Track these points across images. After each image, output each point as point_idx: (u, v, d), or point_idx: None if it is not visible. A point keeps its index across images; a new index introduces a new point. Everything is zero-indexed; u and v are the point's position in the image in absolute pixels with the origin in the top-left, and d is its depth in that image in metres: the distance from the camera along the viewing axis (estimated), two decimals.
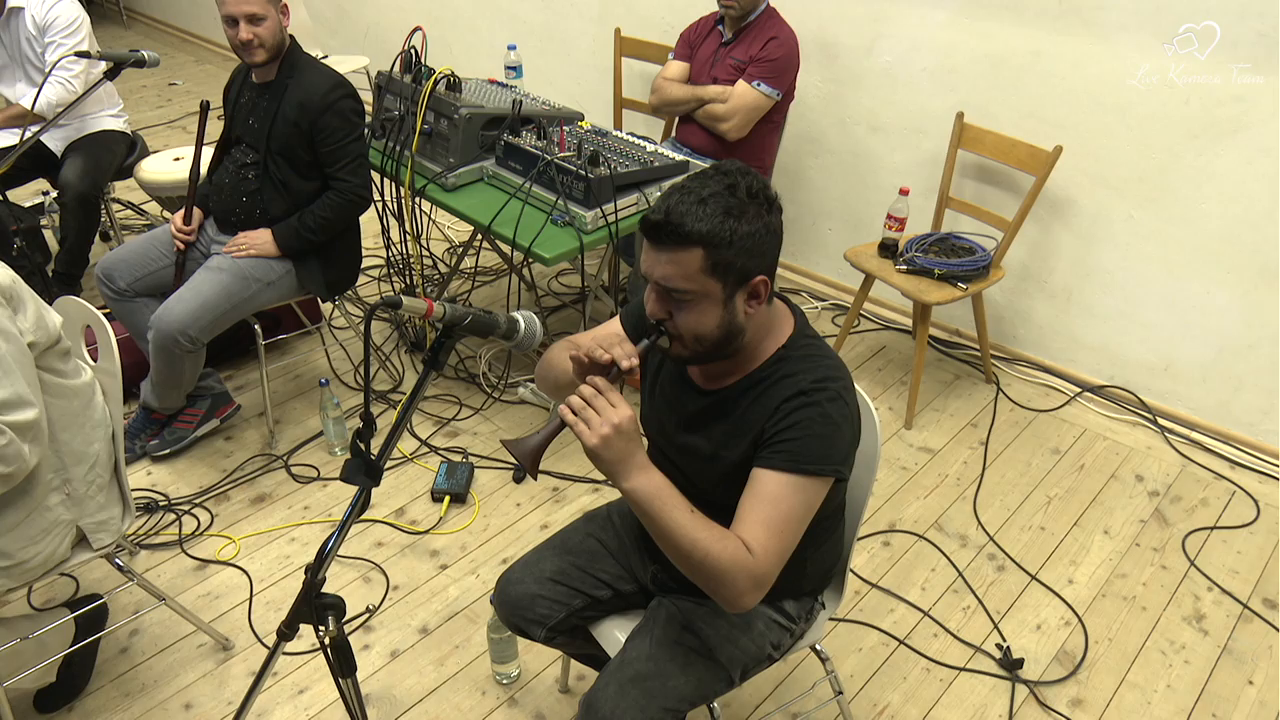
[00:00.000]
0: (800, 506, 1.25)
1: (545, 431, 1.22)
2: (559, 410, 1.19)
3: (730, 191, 1.19)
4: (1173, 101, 2.56)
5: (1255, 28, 2.35)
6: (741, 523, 1.24)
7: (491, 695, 2.05)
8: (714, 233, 1.17)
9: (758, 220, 1.20)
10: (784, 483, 1.24)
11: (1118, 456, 2.79)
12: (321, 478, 2.66)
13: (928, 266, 2.76)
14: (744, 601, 1.22)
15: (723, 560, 1.19)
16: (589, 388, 1.19)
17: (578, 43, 4.08)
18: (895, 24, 3.03)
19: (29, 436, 1.52)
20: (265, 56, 2.39)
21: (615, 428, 1.16)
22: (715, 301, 1.22)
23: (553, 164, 2.50)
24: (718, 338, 1.26)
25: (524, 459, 1.20)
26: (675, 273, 1.20)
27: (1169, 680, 2.10)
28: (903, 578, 2.36)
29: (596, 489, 2.63)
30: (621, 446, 1.18)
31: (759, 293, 1.25)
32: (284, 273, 2.58)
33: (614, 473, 1.20)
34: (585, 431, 1.16)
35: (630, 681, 1.40)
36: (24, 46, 3.08)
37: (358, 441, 1.10)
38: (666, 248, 1.20)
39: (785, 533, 1.24)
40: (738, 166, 1.23)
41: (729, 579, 1.20)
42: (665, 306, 1.25)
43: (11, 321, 1.52)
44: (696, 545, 1.19)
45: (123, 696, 2.04)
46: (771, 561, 1.22)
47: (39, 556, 1.66)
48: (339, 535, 1.16)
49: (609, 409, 1.17)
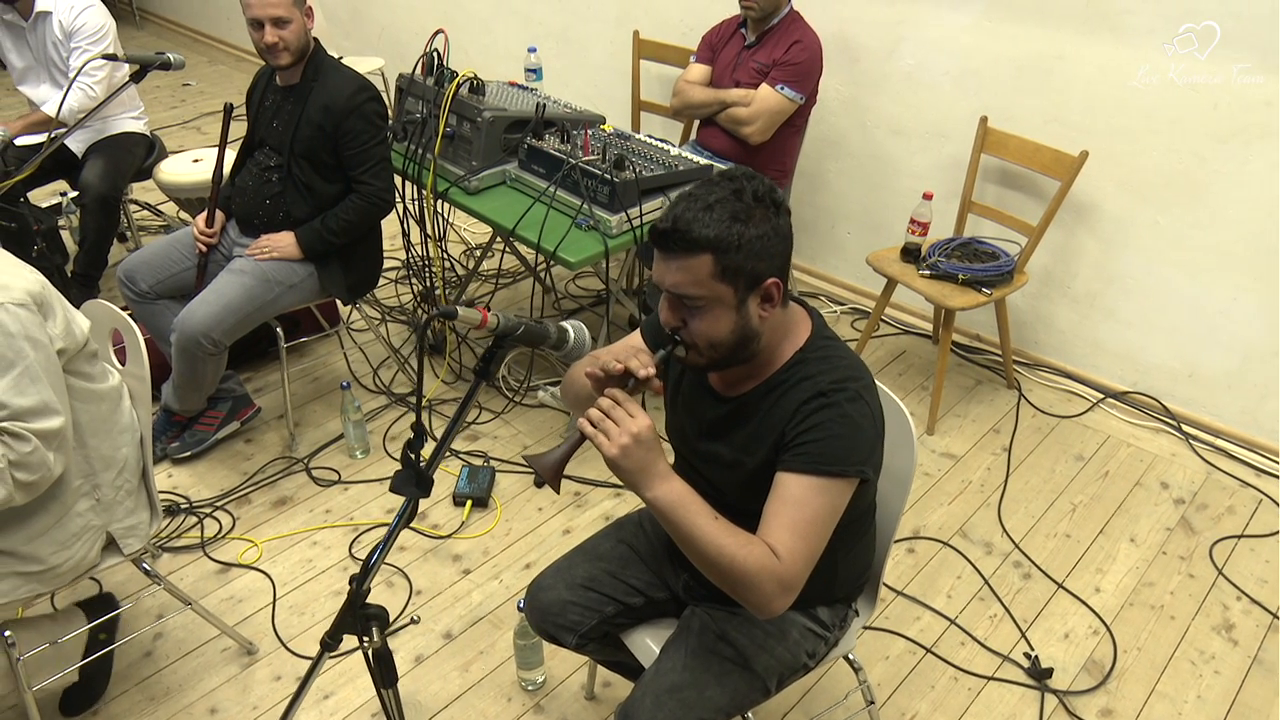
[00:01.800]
0: (825, 509, 1.24)
1: (566, 445, 1.21)
2: (578, 423, 1.18)
3: (736, 196, 1.19)
4: (1201, 106, 2.54)
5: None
6: (767, 527, 1.23)
7: (517, 701, 2.04)
8: (721, 238, 1.18)
9: (765, 223, 1.20)
10: (807, 485, 1.23)
11: (1142, 463, 2.77)
12: (342, 481, 2.65)
13: (951, 272, 2.74)
14: (773, 606, 1.21)
15: (749, 565, 1.18)
16: (606, 399, 1.19)
17: (595, 45, 4.07)
18: (917, 27, 3.02)
19: (54, 444, 1.51)
20: (290, 59, 2.39)
21: (634, 437, 1.16)
22: (728, 307, 1.22)
23: (577, 168, 2.49)
24: (732, 343, 1.25)
25: (546, 473, 1.19)
26: (686, 279, 1.20)
27: (1199, 691, 2.08)
28: (928, 585, 2.35)
29: (618, 494, 2.62)
30: (641, 456, 1.18)
31: (772, 296, 1.25)
32: (306, 275, 2.57)
33: (635, 482, 1.19)
34: (604, 442, 1.17)
35: (666, 692, 1.39)
36: (50, 50, 3.08)
37: (408, 452, 1.09)
38: (676, 255, 1.20)
39: (811, 536, 1.23)
40: (744, 171, 1.24)
41: (756, 584, 1.19)
42: (679, 315, 1.25)
43: (41, 329, 1.51)
44: (723, 552, 1.18)
45: (148, 700, 2.03)
46: (799, 565, 1.21)
47: (70, 561, 1.66)
48: (385, 546, 1.15)
49: (627, 419, 1.17)
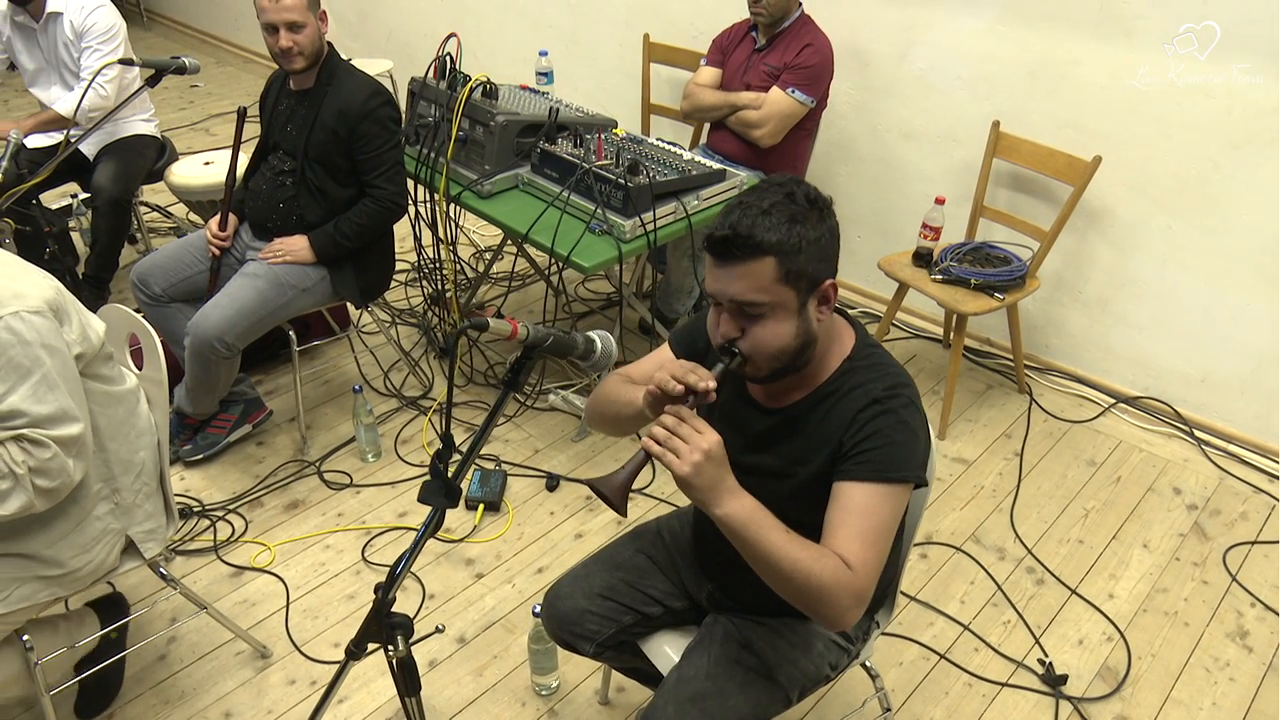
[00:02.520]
0: (890, 516, 1.24)
1: (631, 465, 1.17)
2: (643, 443, 1.15)
3: (790, 200, 1.20)
4: (1215, 111, 2.53)
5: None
6: (834, 538, 1.21)
7: (531, 706, 2.04)
8: (785, 241, 1.18)
9: (821, 225, 1.21)
10: (872, 493, 1.23)
11: (1154, 469, 2.76)
12: (354, 484, 2.65)
13: (964, 276, 2.74)
14: (848, 619, 1.19)
15: (825, 579, 1.16)
16: (671, 416, 1.16)
17: (604, 48, 4.06)
18: (929, 31, 3.01)
19: (74, 451, 1.51)
20: (304, 64, 2.39)
21: (705, 454, 1.13)
22: (790, 311, 1.21)
23: (591, 172, 2.49)
24: (795, 349, 1.24)
25: (613, 495, 1.15)
26: (749, 286, 1.19)
27: (1214, 698, 2.08)
28: (941, 590, 2.34)
29: (630, 499, 2.62)
30: (713, 472, 1.15)
31: (829, 298, 1.25)
32: (319, 279, 2.57)
33: (706, 500, 1.16)
34: (675, 461, 1.13)
35: (689, 700, 1.38)
36: (60, 51, 3.09)
37: (437, 463, 1.09)
38: (737, 262, 1.19)
39: (880, 544, 1.22)
40: (788, 177, 1.24)
41: (832, 598, 1.17)
42: (738, 324, 1.23)
43: (58, 335, 1.51)
44: (798, 567, 1.16)
45: (162, 704, 2.03)
46: (871, 575, 1.20)
47: (90, 565, 1.66)
48: (412, 554, 1.14)
49: (696, 435, 1.14)
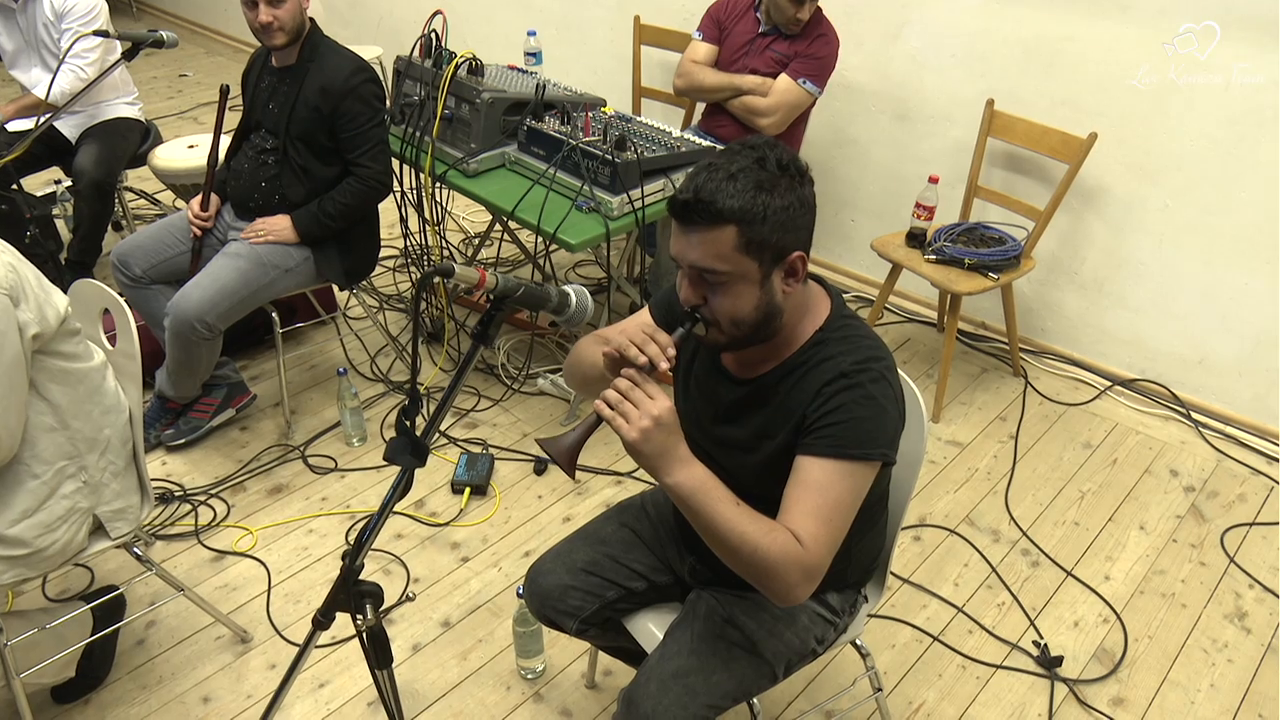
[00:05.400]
0: (848, 493, 1.20)
1: (582, 428, 1.15)
2: (595, 404, 1.13)
3: (760, 165, 1.14)
4: (1212, 88, 2.49)
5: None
6: (789, 513, 1.18)
7: (516, 690, 2.00)
8: (747, 209, 1.12)
9: (790, 194, 1.15)
10: (830, 469, 1.18)
11: (1151, 451, 2.73)
12: (339, 468, 2.61)
13: (957, 256, 2.70)
14: (796, 595, 1.17)
15: (773, 553, 1.13)
16: (624, 380, 1.13)
17: (595, 31, 4.02)
18: (923, 9, 2.97)
19: None
20: (285, 39, 2.35)
21: (655, 420, 1.11)
22: (752, 282, 1.17)
23: (578, 149, 2.45)
24: (756, 320, 1.20)
25: (560, 457, 1.14)
26: (708, 253, 1.15)
27: (1212, 679, 2.04)
28: (935, 573, 2.31)
29: (619, 481, 2.58)
30: (662, 440, 1.12)
31: (796, 270, 1.20)
32: (302, 260, 2.53)
33: (655, 467, 1.14)
34: (624, 425, 1.11)
35: (672, 677, 1.35)
36: (40, 32, 3.04)
37: (403, 419, 1.04)
38: (698, 228, 1.14)
39: (835, 521, 1.18)
40: (765, 140, 1.18)
41: (780, 572, 1.14)
42: (699, 291, 1.19)
43: (10, 318, 1.43)
44: (745, 539, 1.13)
45: (140, 689, 1.99)
46: (823, 552, 1.17)
47: (56, 545, 1.61)
48: (379, 519, 1.10)
49: (647, 401, 1.11)
